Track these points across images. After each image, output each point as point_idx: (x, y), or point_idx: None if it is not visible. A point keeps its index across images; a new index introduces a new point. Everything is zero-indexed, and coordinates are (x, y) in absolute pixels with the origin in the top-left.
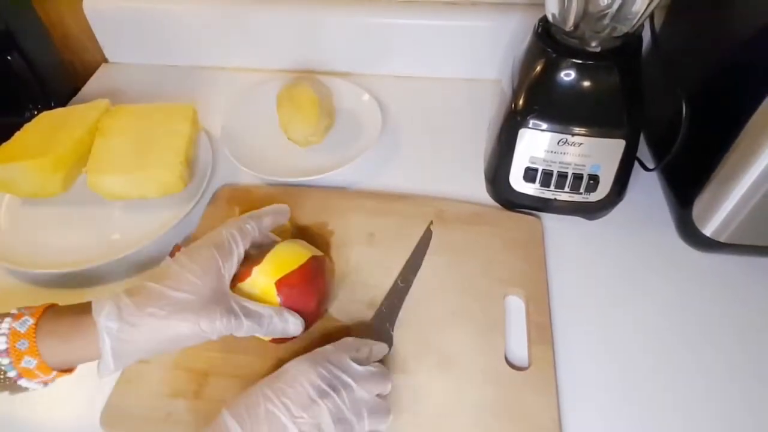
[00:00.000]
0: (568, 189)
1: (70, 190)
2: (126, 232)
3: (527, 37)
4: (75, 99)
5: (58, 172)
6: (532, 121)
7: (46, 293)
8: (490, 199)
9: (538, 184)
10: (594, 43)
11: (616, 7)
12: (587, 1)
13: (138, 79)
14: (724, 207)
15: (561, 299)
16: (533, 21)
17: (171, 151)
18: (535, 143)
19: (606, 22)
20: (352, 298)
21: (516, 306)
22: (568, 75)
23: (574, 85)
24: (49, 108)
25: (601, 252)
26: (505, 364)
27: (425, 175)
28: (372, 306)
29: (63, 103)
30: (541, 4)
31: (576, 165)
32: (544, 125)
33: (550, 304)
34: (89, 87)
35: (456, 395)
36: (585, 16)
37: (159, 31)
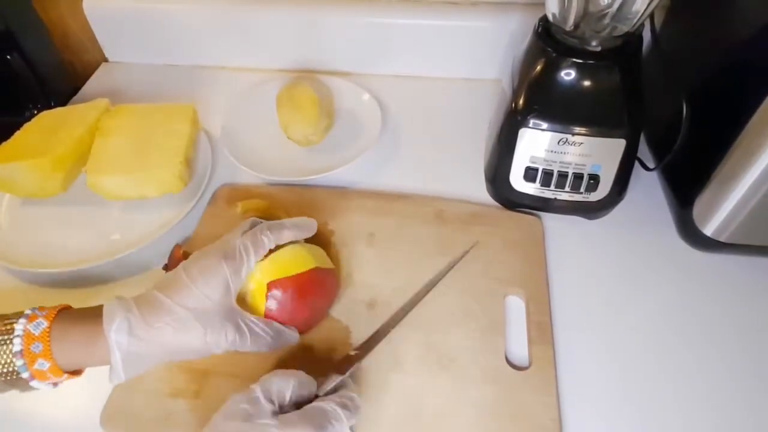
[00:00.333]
0: (568, 189)
1: (70, 190)
2: (126, 232)
3: (527, 37)
4: (75, 99)
5: (58, 172)
6: (532, 121)
7: (46, 293)
8: (490, 199)
9: (538, 184)
10: (594, 43)
11: (616, 6)
12: (588, 0)
13: (138, 79)
14: (725, 207)
15: (561, 299)
16: (533, 21)
17: (171, 151)
18: (536, 143)
19: (606, 21)
20: (352, 298)
21: (516, 306)
22: (568, 75)
23: (575, 85)
24: (49, 108)
25: (601, 252)
26: (506, 364)
27: (425, 175)
28: (372, 306)
29: (63, 102)
30: (541, 4)
31: (576, 165)
32: (545, 125)
33: (550, 304)
34: (89, 87)
35: (456, 395)
36: (585, 15)
37: (159, 31)
